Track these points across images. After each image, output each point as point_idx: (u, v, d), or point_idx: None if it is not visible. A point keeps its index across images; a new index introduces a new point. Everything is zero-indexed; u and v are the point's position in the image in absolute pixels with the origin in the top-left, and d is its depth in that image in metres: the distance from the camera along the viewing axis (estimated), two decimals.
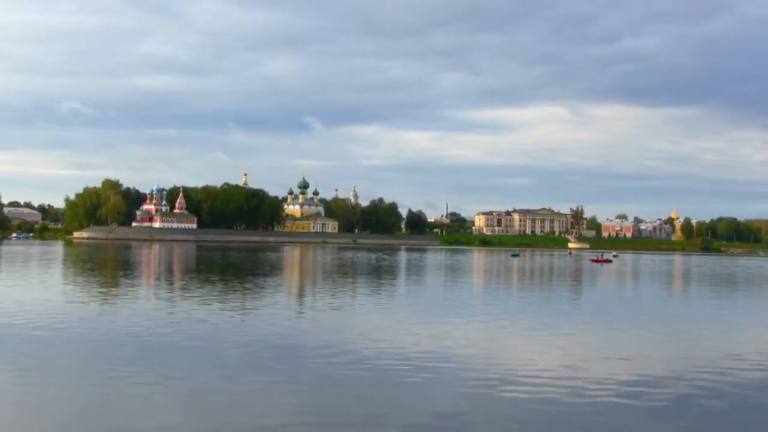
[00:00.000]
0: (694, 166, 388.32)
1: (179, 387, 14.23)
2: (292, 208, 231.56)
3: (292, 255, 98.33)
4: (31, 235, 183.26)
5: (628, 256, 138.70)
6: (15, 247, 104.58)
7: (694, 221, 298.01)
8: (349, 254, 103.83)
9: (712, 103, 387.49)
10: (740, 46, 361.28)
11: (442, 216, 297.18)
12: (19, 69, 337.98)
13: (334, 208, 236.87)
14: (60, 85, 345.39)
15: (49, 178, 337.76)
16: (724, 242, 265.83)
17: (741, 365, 17.90)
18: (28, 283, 38.40)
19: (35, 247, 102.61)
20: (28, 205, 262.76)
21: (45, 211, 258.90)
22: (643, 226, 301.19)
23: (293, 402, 13.27)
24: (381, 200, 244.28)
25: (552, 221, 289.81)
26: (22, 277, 43.31)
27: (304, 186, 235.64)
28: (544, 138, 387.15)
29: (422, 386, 14.71)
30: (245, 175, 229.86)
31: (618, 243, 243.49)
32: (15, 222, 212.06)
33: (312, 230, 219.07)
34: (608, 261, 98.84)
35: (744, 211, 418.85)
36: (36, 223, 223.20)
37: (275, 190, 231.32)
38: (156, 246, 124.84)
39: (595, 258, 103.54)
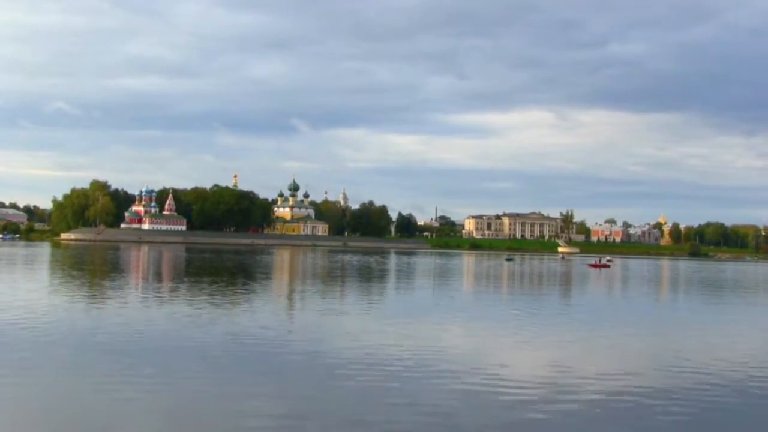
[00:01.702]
0: (680, 171, 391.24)
1: (168, 389, 14.09)
2: (283, 211, 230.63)
3: (282, 258, 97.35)
4: (17, 236, 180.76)
5: (617, 261, 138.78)
6: (1, 248, 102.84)
7: (682, 226, 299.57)
8: (343, 257, 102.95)
9: (696, 109, 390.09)
10: (724, 52, 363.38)
11: (432, 219, 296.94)
12: (5, 68, 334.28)
13: (324, 211, 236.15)
14: (46, 85, 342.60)
15: (34, 178, 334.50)
16: (711, 247, 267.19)
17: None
18: (14, 286, 37.29)
19: (22, 249, 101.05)
20: (13, 206, 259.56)
21: (31, 212, 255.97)
22: (632, 231, 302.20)
23: (282, 403, 13.16)
24: (371, 203, 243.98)
25: (542, 225, 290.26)
26: (10, 279, 42.23)
27: (294, 188, 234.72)
28: (531, 142, 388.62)
29: (414, 387, 14.67)
30: (235, 176, 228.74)
31: (607, 247, 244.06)
32: (0, 223, 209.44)
33: (302, 233, 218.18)
34: (606, 266, 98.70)
35: (731, 216, 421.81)
36: (22, 224, 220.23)
37: (263, 192, 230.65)
38: (145, 248, 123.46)
39: (593, 263, 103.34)
